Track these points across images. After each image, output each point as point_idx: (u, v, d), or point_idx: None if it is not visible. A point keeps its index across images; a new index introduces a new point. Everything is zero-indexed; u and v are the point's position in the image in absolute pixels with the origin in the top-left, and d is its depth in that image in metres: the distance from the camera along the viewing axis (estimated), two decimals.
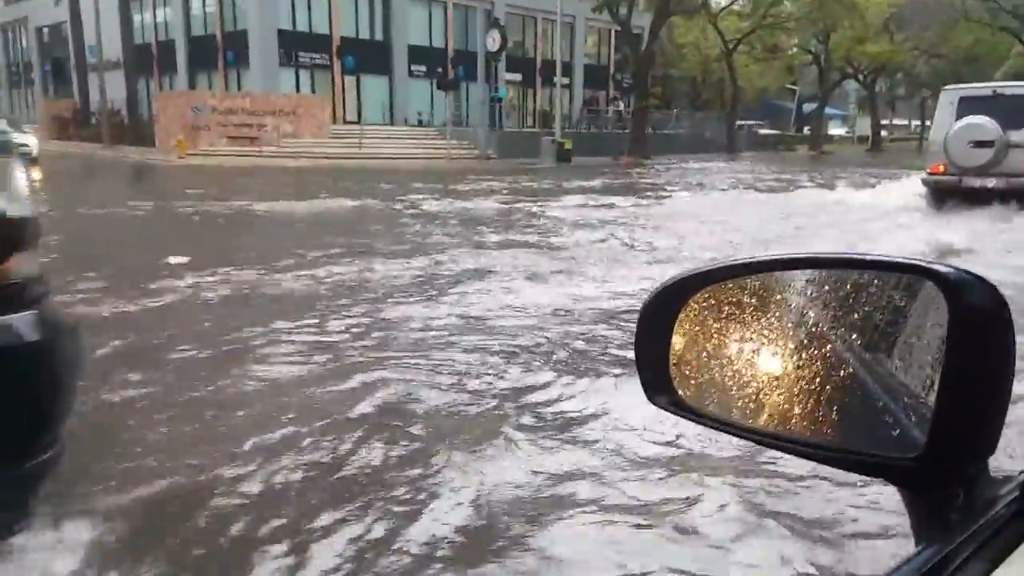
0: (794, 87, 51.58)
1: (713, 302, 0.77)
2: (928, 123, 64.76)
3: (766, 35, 40.36)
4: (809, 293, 0.76)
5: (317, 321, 5.17)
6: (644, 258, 8.17)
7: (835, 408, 0.70)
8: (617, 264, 7.72)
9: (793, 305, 0.77)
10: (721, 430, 0.75)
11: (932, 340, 0.64)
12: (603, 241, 9.32)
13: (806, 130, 59.80)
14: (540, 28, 41.07)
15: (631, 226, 10.76)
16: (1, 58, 49.59)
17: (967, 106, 11.57)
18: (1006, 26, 31.96)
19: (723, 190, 17.70)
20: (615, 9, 31.78)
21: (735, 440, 0.81)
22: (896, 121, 68.75)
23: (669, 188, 17.96)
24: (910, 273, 0.67)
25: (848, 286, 0.73)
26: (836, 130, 63.75)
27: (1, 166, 1.82)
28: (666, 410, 0.76)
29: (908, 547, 0.59)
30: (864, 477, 0.71)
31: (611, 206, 13.46)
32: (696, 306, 0.77)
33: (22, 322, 1.78)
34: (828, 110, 63.65)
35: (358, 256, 7.83)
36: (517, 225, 11.07)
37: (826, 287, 0.75)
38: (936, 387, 0.60)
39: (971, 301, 0.60)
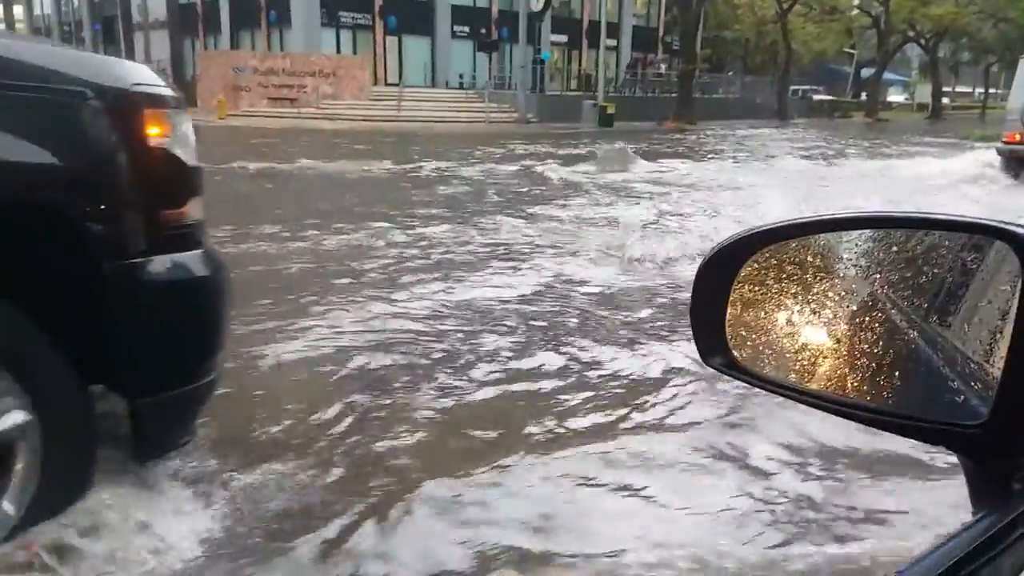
0: (852, 51, 49.49)
1: (774, 261, 0.75)
2: (992, 90, 62.14)
3: None
4: (872, 254, 0.73)
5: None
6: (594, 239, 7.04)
7: (896, 373, 0.69)
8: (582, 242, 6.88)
9: (855, 266, 0.74)
10: (777, 393, 0.73)
11: (1000, 305, 0.63)
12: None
13: (864, 96, 57.79)
14: None
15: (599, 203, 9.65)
16: (54, 16, 50.25)
17: None
18: None
19: (769, 157, 16.97)
20: None
21: None
22: (959, 88, 65.84)
23: (699, 155, 17.28)
24: (981, 234, 0.65)
25: (914, 247, 0.71)
26: (896, 96, 61.31)
27: (177, 118, 2.01)
28: (720, 371, 0.75)
29: (966, 516, 0.58)
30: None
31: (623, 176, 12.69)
32: (755, 265, 0.74)
33: (196, 259, 2.05)
34: (889, 76, 61.19)
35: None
36: (510, 192, 10.65)
37: (893, 248, 0.72)
38: (1004, 354, 0.58)
39: None
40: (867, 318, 0.71)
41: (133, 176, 1.91)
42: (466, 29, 35.60)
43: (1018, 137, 11.59)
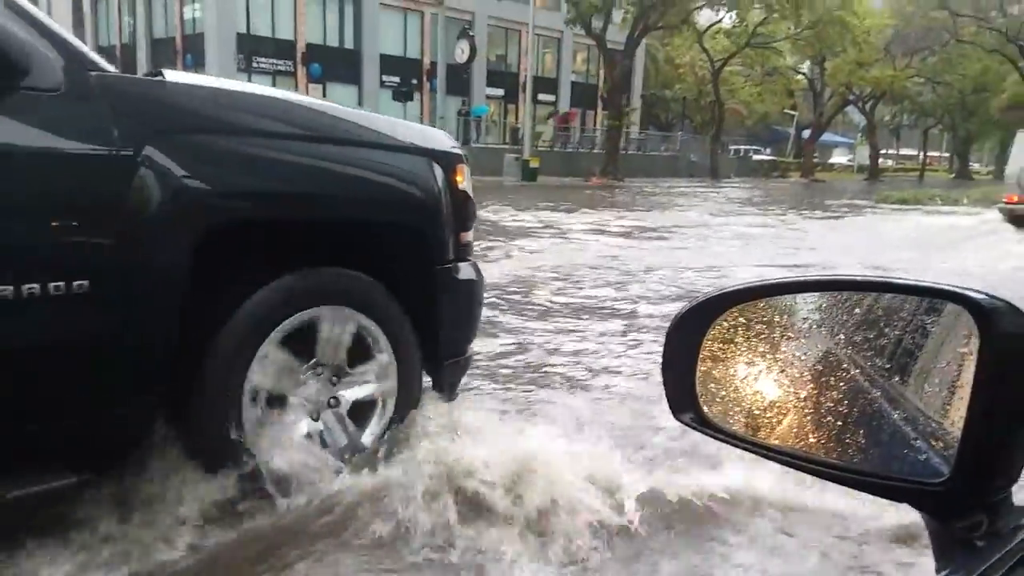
0: (793, 112, 49.68)
1: (742, 320, 0.78)
2: (935, 153, 62.95)
3: (758, 56, 38.50)
4: (835, 314, 0.77)
5: None
6: None
7: (860, 431, 0.71)
8: None
9: (819, 326, 0.78)
10: (746, 449, 0.76)
11: (956, 366, 0.66)
12: None
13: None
14: (524, 43, 39.57)
15: None
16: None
17: None
18: (1002, 52, 30.05)
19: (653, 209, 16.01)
20: (589, 23, 30.18)
21: None
22: (905, 151, 66.72)
23: (585, 207, 16.30)
24: (941, 298, 0.68)
25: (875, 308, 0.75)
26: (840, 158, 61.78)
27: (467, 169, 2.84)
28: (690, 427, 0.77)
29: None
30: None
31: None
32: (725, 324, 0.78)
33: (472, 266, 2.87)
34: (834, 138, 61.82)
35: None
36: None
37: (855, 309, 0.76)
38: (962, 413, 0.61)
39: (1003, 329, 0.60)
40: (831, 377, 0.74)
41: (450, 208, 2.72)
42: (396, 79, 34.81)
43: (1016, 198, 13.40)
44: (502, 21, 38.28)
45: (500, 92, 39.35)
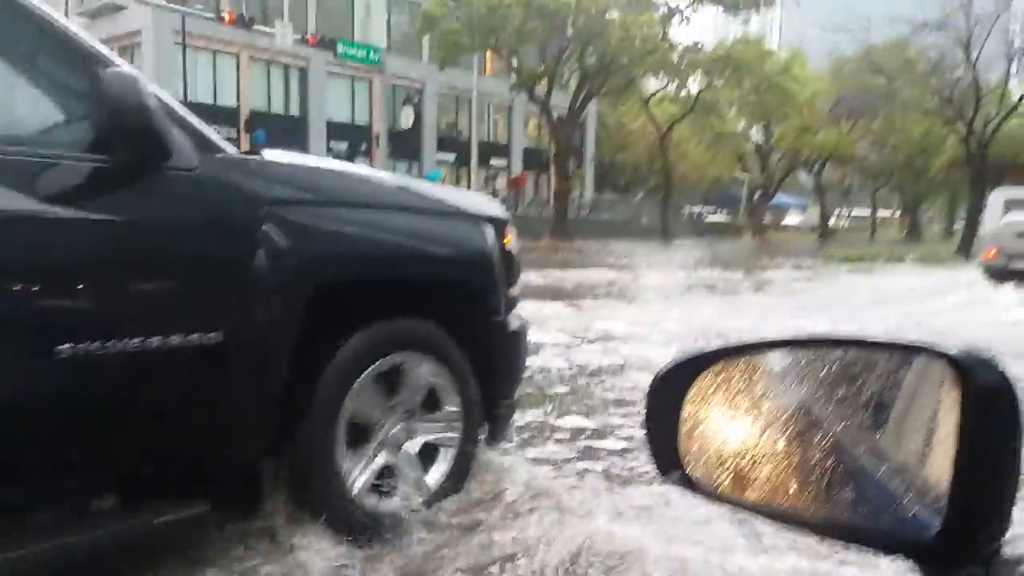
0: (744, 174, 50.36)
1: (723, 379, 0.79)
2: (884, 213, 64.12)
3: (703, 121, 39.01)
4: (816, 372, 0.77)
5: None
6: None
7: (848, 486, 0.71)
8: None
9: (800, 383, 0.78)
10: (733, 507, 0.76)
11: (938, 419, 0.67)
12: None
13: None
14: (475, 109, 39.79)
15: None
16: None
17: (1012, 205, 15.09)
18: (939, 113, 30.70)
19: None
20: (532, 89, 30.29)
21: None
22: (857, 211, 67.91)
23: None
24: (919, 354, 0.70)
25: (854, 365, 0.75)
26: (793, 219, 62.67)
27: (512, 231, 3.14)
28: (676, 486, 0.77)
29: None
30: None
31: None
32: (706, 383, 0.78)
33: (519, 317, 3.18)
34: (786, 199, 62.80)
35: None
36: None
37: (834, 366, 0.76)
38: (947, 465, 0.61)
39: (982, 382, 0.61)
40: (814, 432, 0.74)
41: (502, 267, 3.01)
42: (343, 145, 34.57)
43: (992, 254, 14.16)
44: (452, 88, 38.51)
45: (450, 157, 39.38)
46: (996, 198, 16.16)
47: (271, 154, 2.50)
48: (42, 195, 1.99)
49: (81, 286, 2.05)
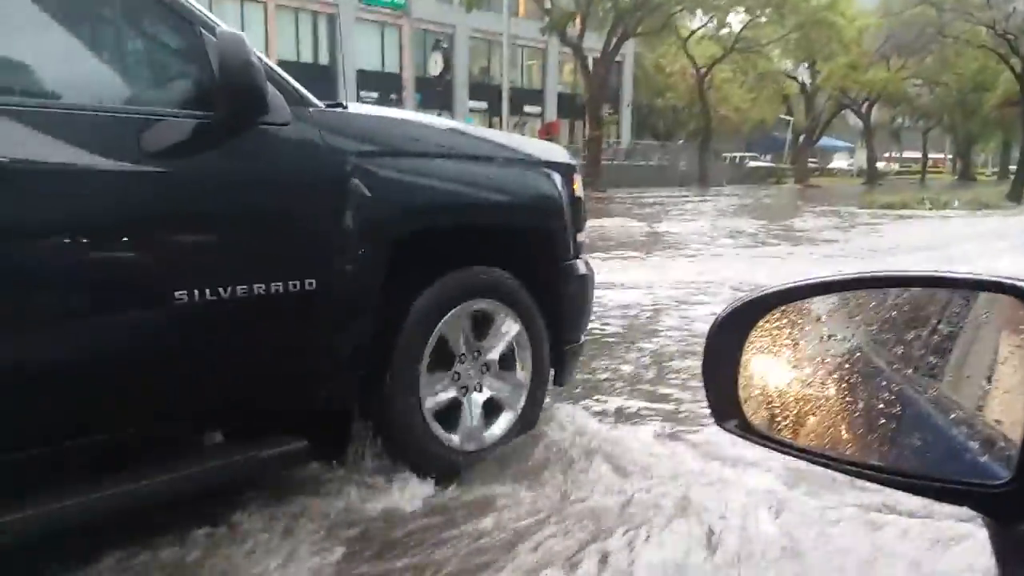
0: (788, 117, 48.61)
1: (786, 322, 0.76)
2: (938, 155, 61.45)
3: (746, 62, 37.52)
4: (885, 314, 0.75)
5: None
6: None
7: (913, 433, 0.70)
8: None
9: (864, 325, 0.76)
10: (794, 455, 0.73)
11: (1011, 360, 0.65)
12: None
13: (809, 162, 56.90)
14: (508, 54, 38.83)
15: None
16: None
17: None
18: (993, 49, 28.80)
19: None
20: (564, 31, 29.32)
21: None
22: (909, 153, 65.33)
23: None
24: (992, 291, 0.67)
25: (928, 306, 0.73)
26: (840, 163, 60.56)
27: (580, 178, 3.26)
28: (734, 434, 0.75)
29: None
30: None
31: None
32: (767, 327, 0.75)
33: (586, 262, 3.24)
34: (834, 142, 60.58)
35: None
36: None
37: (905, 308, 0.74)
38: (1018, 409, 0.60)
39: None
40: (877, 377, 0.72)
41: (571, 212, 3.10)
42: (374, 95, 34.11)
43: None
44: (484, 33, 37.56)
45: (483, 105, 38.63)
46: None
47: (356, 107, 2.64)
48: (152, 150, 2.12)
49: (191, 235, 2.23)
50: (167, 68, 2.40)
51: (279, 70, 2.34)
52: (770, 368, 0.76)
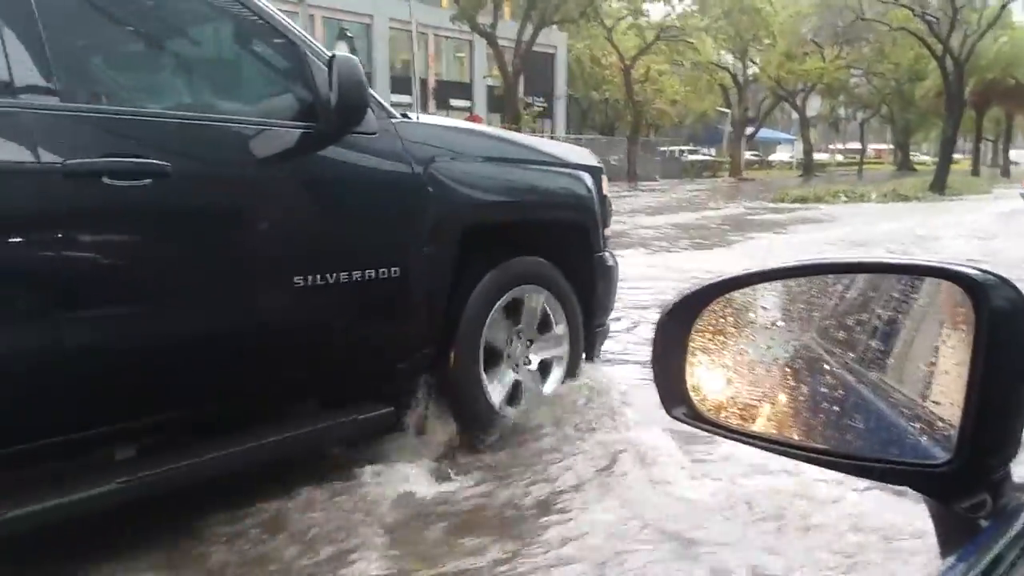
0: (726, 110, 47.60)
1: (732, 311, 0.77)
2: (880, 146, 61.14)
3: (673, 52, 36.31)
4: (828, 300, 0.76)
5: None
6: None
7: (857, 417, 0.71)
8: None
9: (812, 313, 0.77)
10: (740, 441, 0.74)
11: (947, 345, 0.66)
12: None
13: (750, 155, 56.03)
14: (432, 46, 37.14)
15: None
16: None
17: None
18: (914, 32, 27.81)
19: None
20: (474, 18, 27.73)
21: None
22: (854, 144, 64.97)
23: None
24: (933, 276, 0.68)
25: (871, 293, 0.75)
26: (783, 155, 59.91)
27: (605, 179, 3.68)
28: (683, 422, 0.76)
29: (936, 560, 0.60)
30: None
31: None
32: (713, 316, 0.77)
33: (611, 255, 3.65)
34: (779, 134, 59.95)
35: None
36: None
37: (849, 294, 0.76)
38: (956, 392, 0.60)
39: (997, 304, 0.60)
40: (822, 363, 0.73)
41: (601, 208, 3.52)
42: None
43: None
44: (404, 24, 35.80)
45: (406, 99, 36.92)
46: None
47: (424, 117, 3.30)
48: (269, 156, 2.59)
49: (304, 228, 2.67)
50: (283, 87, 2.80)
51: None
52: (717, 356, 0.76)
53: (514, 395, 3.25)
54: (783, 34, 37.44)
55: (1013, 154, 54.04)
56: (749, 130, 47.47)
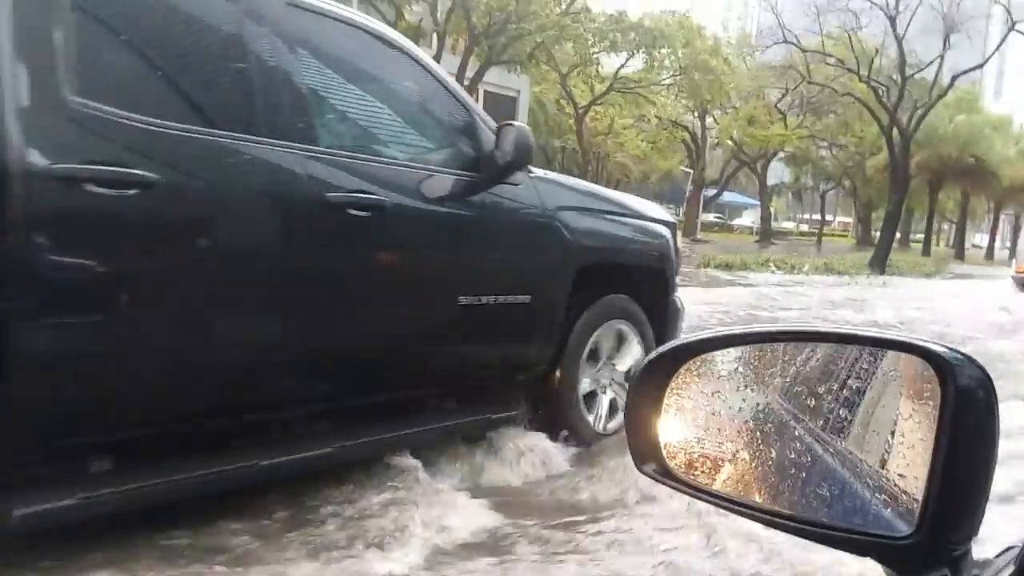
0: (688, 169, 46.77)
1: (705, 371, 0.79)
2: (845, 219, 60.64)
3: (628, 104, 35.37)
4: (798, 367, 0.77)
5: None
6: None
7: (823, 484, 0.72)
8: None
9: (783, 379, 0.78)
10: (708, 501, 0.76)
11: (916, 418, 0.67)
12: None
13: (714, 217, 55.18)
14: None
15: None
16: None
17: None
18: (860, 99, 26.86)
19: None
20: None
21: None
22: (817, 216, 64.40)
23: None
24: (902, 351, 0.69)
25: (838, 361, 0.76)
26: (746, 220, 59.22)
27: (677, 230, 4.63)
28: (652, 478, 0.77)
29: None
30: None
31: None
32: (688, 375, 0.78)
33: (679, 298, 4.44)
34: (746, 199, 59.29)
35: None
36: None
37: (817, 362, 0.77)
38: (920, 465, 0.61)
39: (964, 383, 0.61)
40: (790, 428, 0.74)
41: (676, 255, 4.37)
42: None
43: None
44: None
45: None
46: None
47: (544, 173, 3.79)
48: (447, 196, 3.31)
49: (466, 258, 3.39)
50: (457, 144, 3.49)
51: None
52: (689, 415, 0.77)
53: (591, 408, 3.95)
54: (746, 98, 36.75)
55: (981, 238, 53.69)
56: (712, 192, 46.62)
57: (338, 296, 2.92)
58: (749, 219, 59.44)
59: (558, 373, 3.70)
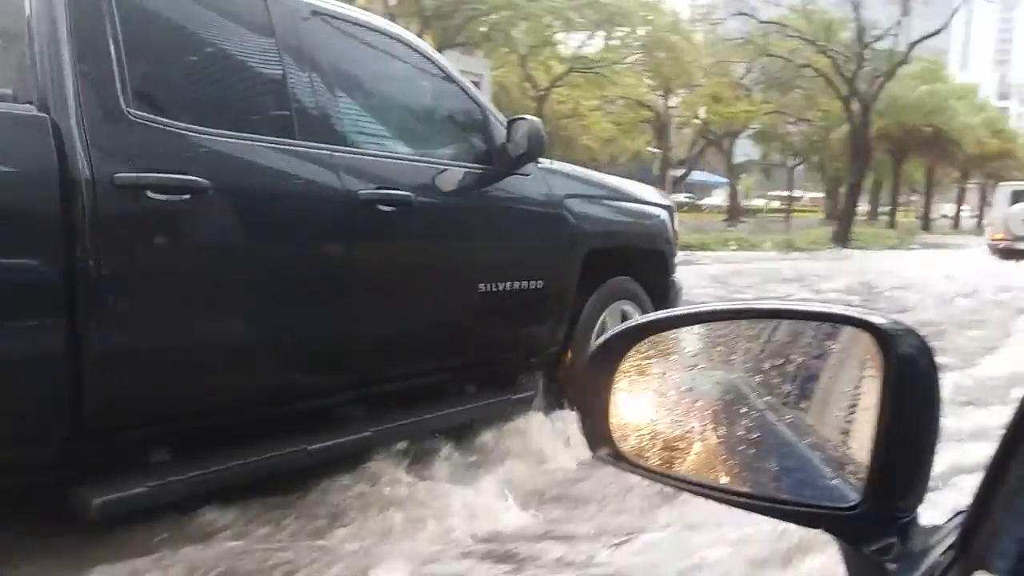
0: (655, 150, 46.29)
1: (655, 352, 0.79)
2: (813, 195, 60.56)
3: (589, 84, 34.78)
4: (751, 344, 0.78)
5: None
6: None
7: (772, 459, 0.73)
8: None
9: (728, 355, 0.80)
10: (661, 482, 0.77)
11: (859, 390, 0.68)
12: None
13: (683, 197, 54.80)
14: None
15: None
16: None
17: (1016, 196, 18.61)
18: (819, 71, 26.51)
19: None
20: None
21: None
22: (799, 192, 64.22)
23: None
24: (844, 324, 0.71)
25: (781, 336, 0.76)
26: (716, 199, 58.90)
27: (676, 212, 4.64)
28: (606, 462, 0.78)
29: None
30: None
31: None
32: (638, 357, 0.78)
33: (678, 278, 4.67)
34: (715, 178, 58.91)
35: None
36: None
37: (769, 338, 0.77)
38: (866, 437, 0.62)
39: (905, 351, 0.62)
40: (740, 406, 0.75)
41: (674, 236, 4.61)
42: None
43: (1001, 235, 17.58)
44: None
45: None
46: (1003, 191, 19.30)
47: (551, 163, 3.96)
48: (465, 188, 3.54)
49: (485, 246, 3.57)
50: (471, 138, 3.69)
51: None
52: (641, 397, 0.78)
53: None
54: (709, 75, 36.28)
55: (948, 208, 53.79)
56: (680, 172, 46.19)
57: (374, 289, 3.12)
58: (719, 198, 59.11)
59: (570, 354, 3.96)
